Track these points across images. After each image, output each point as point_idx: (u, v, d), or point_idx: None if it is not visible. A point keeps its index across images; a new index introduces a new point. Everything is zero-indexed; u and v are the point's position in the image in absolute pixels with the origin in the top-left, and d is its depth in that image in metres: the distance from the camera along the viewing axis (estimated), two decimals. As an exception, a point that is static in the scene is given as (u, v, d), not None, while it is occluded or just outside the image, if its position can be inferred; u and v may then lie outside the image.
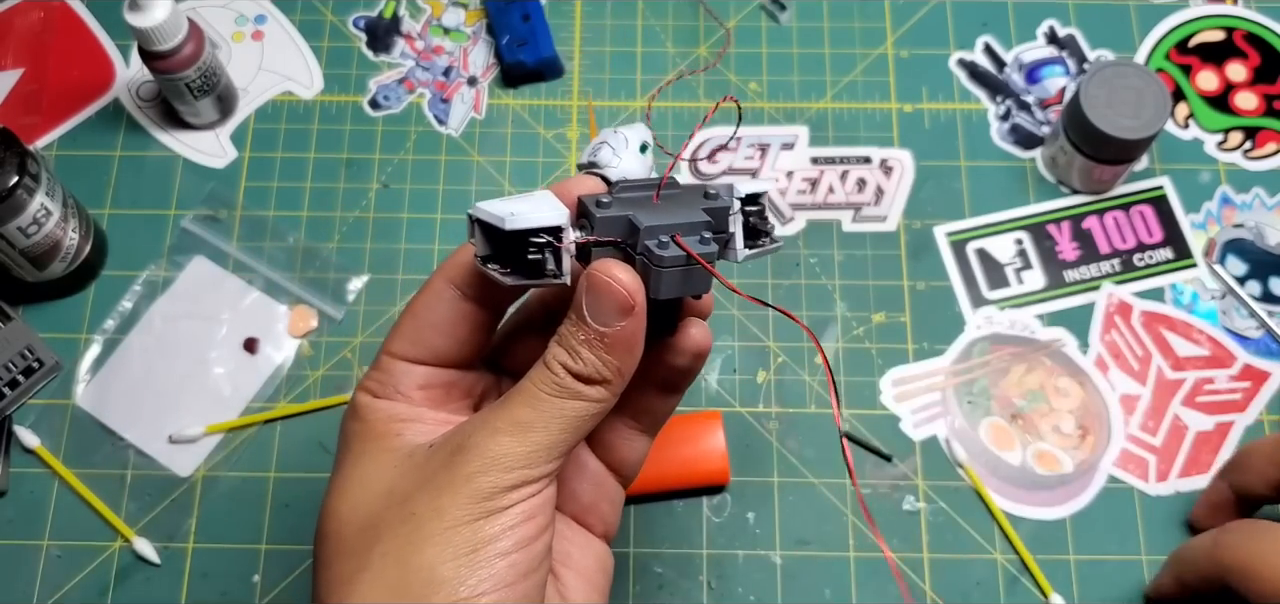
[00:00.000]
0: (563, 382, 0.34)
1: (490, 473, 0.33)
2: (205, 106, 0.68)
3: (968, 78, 0.72)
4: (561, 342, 0.34)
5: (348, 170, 0.69)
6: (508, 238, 0.33)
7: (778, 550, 0.60)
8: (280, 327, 0.65)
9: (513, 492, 0.33)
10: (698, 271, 0.33)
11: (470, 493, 0.33)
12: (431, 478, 0.34)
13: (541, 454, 0.34)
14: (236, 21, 0.74)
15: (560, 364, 0.34)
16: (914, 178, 0.69)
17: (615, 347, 0.34)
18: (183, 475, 0.61)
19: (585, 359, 0.34)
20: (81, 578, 0.59)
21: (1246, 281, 0.66)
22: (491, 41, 0.73)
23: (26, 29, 0.73)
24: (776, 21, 0.74)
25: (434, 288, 0.38)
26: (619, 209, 0.34)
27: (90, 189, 0.68)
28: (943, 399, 0.63)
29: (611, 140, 0.36)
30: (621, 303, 0.33)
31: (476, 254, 0.34)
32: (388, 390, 0.37)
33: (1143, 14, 0.74)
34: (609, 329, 0.33)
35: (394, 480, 0.35)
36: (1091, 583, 0.59)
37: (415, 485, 0.34)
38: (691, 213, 0.34)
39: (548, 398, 0.34)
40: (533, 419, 0.33)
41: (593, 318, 0.33)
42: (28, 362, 0.63)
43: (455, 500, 0.33)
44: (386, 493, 0.34)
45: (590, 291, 0.33)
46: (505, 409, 0.34)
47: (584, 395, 0.34)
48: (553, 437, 0.34)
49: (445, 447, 0.34)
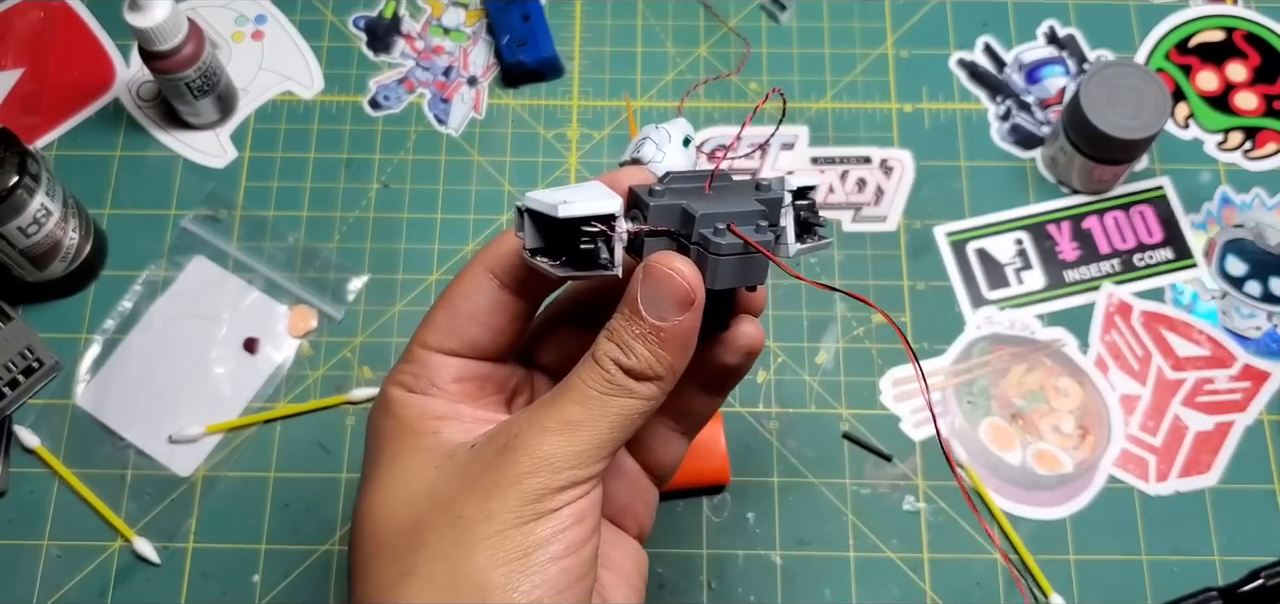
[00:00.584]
0: (614, 378, 0.33)
1: (540, 473, 0.32)
2: (205, 106, 0.68)
3: (968, 78, 0.72)
4: (613, 336, 0.33)
5: (348, 170, 0.69)
6: (559, 228, 0.32)
7: (778, 550, 0.60)
8: (280, 327, 0.65)
9: (563, 492, 0.32)
10: (755, 261, 0.32)
11: (520, 495, 0.32)
12: (477, 479, 0.33)
13: (591, 453, 0.33)
14: (236, 21, 0.74)
15: (612, 360, 0.33)
16: (914, 178, 0.69)
17: (670, 342, 0.32)
18: (183, 475, 0.61)
19: (639, 354, 0.32)
20: (81, 578, 0.59)
21: (1246, 282, 0.66)
22: (491, 41, 0.73)
23: (26, 29, 0.73)
24: (776, 21, 0.74)
25: (472, 276, 0.37)
26: (671, 198, 0.33)
27: (90, 189, 0.68)
28: (943, 399, 0.63)
29: (654, 135, 0.35)
30: (681, 295, 0.32)
31: (525, 246, 0.33)
32: (422, 384, 0.36)
33: (1143, 14, 0.74)
34: (665, 323, 0.32)
35: (436, 481, 0.34)
36: (1091, 583, 0.59)
37: (460, 487, 0.33)
38: (745, 203, 0.33)
39: (598, 395, 0.32)
40: (582, 417, 0.32)
41: (649, 311, 0.32)
42: (28, 361, 0.63)
43: (505, 503, 0.32)
44: (429, 494, 0.33)
45: (648, 283, 0.32)
46: (553, 407, 0.33)
47: (635, 393, 0.33)
48: (602, 435, 0.33)
49: (490, 446, 0.33)
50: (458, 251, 0.67)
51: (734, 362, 0.38)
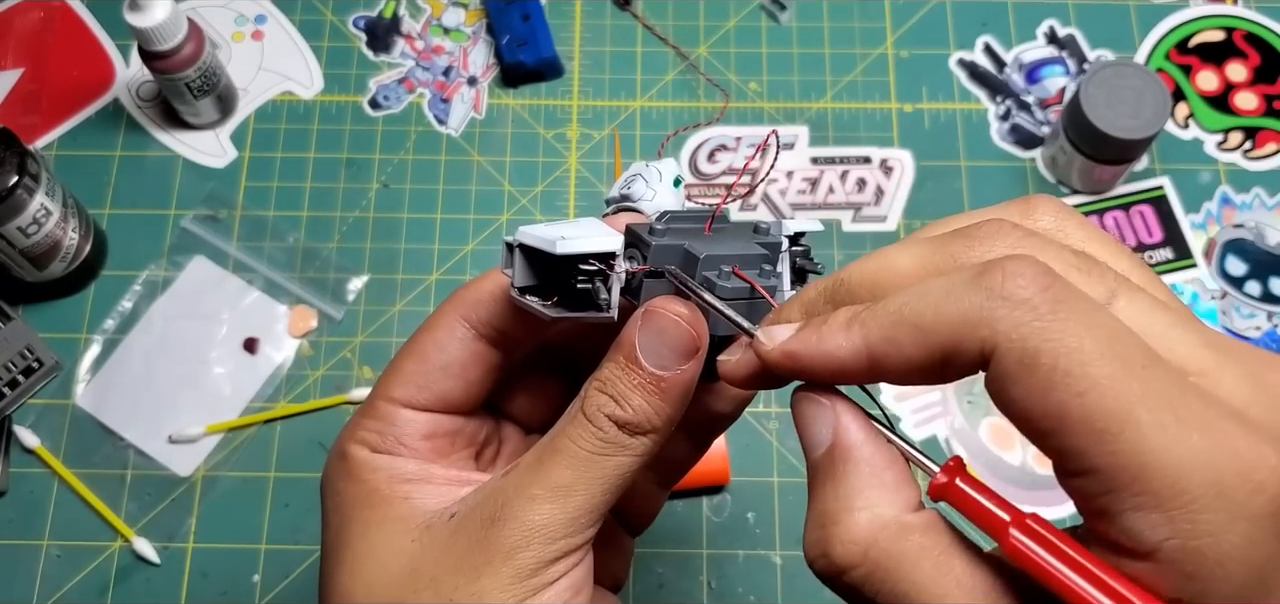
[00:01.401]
0: (607, 435, 0.30)
1: (532, 546, 0.29)
2: (205, 106, 0.68)
3: (968, 78, 0.72)
4: (605, 387, 0.30)
5: (348, 170, 0.69)
6: (553, 265, 0.30)
7: (778, 550, 0.60)
8: (280, 327, 0.65)
9: (557, 563, 0.30)
10: (760, 306, 0.30)
11: (513, 572, 0.29)
12: (465, 556, 0.30)
13: (584, 519, 0.30)
14: (236, 21, 0.74)
15: (605, 415, 0.30)
16: (914, 178, 0.69)
17: (671, 392, 0.30)
18: (183, 475, 0.61)
19: (635, 406, 0.30)
20: (81, 578, 0.59)
21: (1246, 282, 0.66)
22: (491, 41, 0.73)
23: (26, 29, 0.73)
24: (776, 21, 0.74)
25: (446, 325, 0.34)
26: (672, 238, 0.31)
27: (90, 189, 0.68)
28: (943, 399, 0.63)
29: (645, 173, 0.34)
30: (686, 342, 0.30)
31: (513, 285, 0.31)
32: (388, 442, 0.33)
33: (1143, 14, 0.74)
34: (667, 372, 0.30)
35: (415, 558, 0.30)
36: (1091, 583, 0.59)
37: (446, 566, 0.30)
38: (747, 245, 0.32)
39: (589, 455, 0.30)
40: (573, 481, 0.30)
41: (648, 359, 0.30)
42: (28, 361, 0.63)
43: (497, 581, 0.29)
44: (409, 573, 0.30)
45: (648, 329, 0.30)
46: (541, 471, 0.30)
47: (629, 449, 0.30)
48: (595, 498, 0.30)
49: (474, 517, 0.30)
50: (457, 251, 0.67)
51: (726, 410, 0.36)
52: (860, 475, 0.27)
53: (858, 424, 0.27)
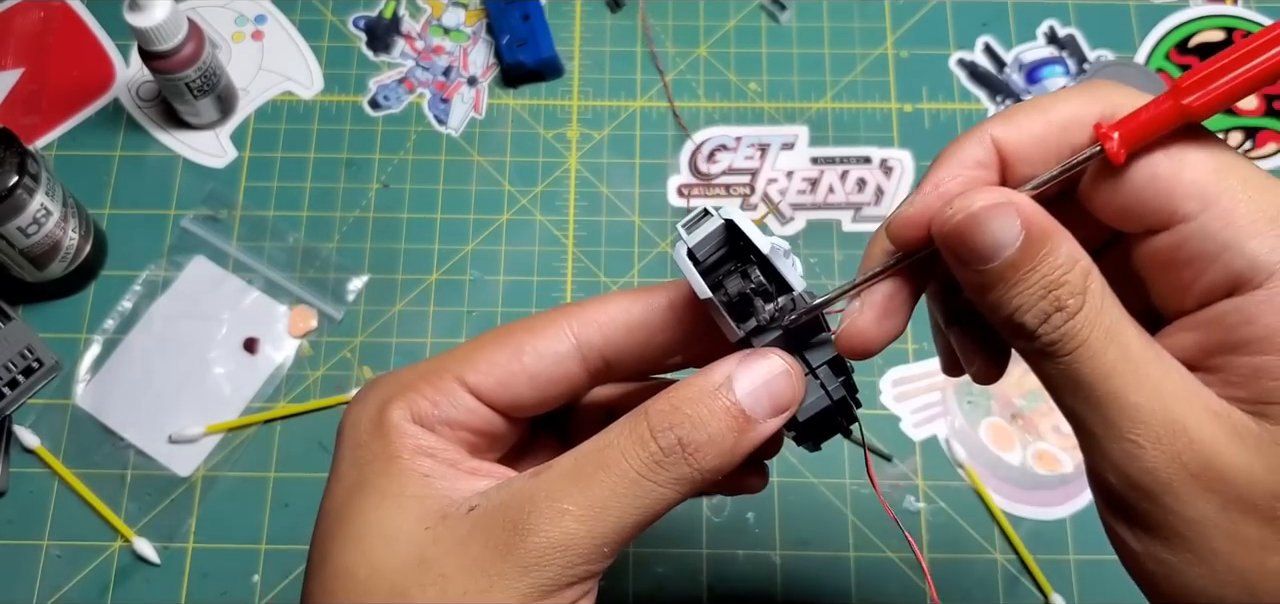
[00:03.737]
0: (662, 459, 0.28)
1: (553, 565, 0.28)
2: (205, 106, 0.68)
3: (968, 78, 0.72)
4: (682, 406, 0.29)
5: (348, 170, 0.69)
6: (732, 259, 0.31)
7: (778, 550, 0.60)
8: (280, 326, 0.65)
9: (574, 587, 0.28)
10: (830, 423, 0.31)
11: (526, 589, 0.27)
12: (480, 561, 0.28)
13: (611, 544, 0.28)
14: (236, 21, 0.74)
15: (676, 436, 0.28)
16: (914, 178, 0.69)
17: (749, 436, 0.29)
18: (183, 475, 0.61)
19: (711, 433, 0.28)
20: (81, 578, 0.59)
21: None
22: (491, 41, 0.73)
23: (26, 29, 0.73)
24: (776, 21, 0.74)
25: (552, 335, 0.32)
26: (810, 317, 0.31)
27: (90, 189, 0.68)
28: (943, 399, 0.63)
29: (785, 250, 0.34)
30: (786, 397, 0.29)
31: (686, 244, 0.30)
32: (435, 417, 0.31)
33: (1143, 14, 0.74)
34: (756, 416, 0.29)
35: (426, 546, 0.29)
36: (1091, 583, 0.59)
37: (458, 565, 0.28)
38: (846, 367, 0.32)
39: (634, 476, 0.28)
40: (609, 501, 0.28)
41: (744, 394, 0.29)
42: (28, 361, 0.63)
43: (507, 595, 0.27)
44: (417, 562, 0.28)
45: (757, 368, 0.29)
46: (577, 484, 0.28)
47: (677, 481, 0.28)
48: (626, 526, 0.28)
49: (495, 518, 0.28)
50: (457, 251, 0.67)
51: (741, 488, 0.35)
52: (1066, 245, 0.27)
53: (1036, 206, 0.28)
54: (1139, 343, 0.27)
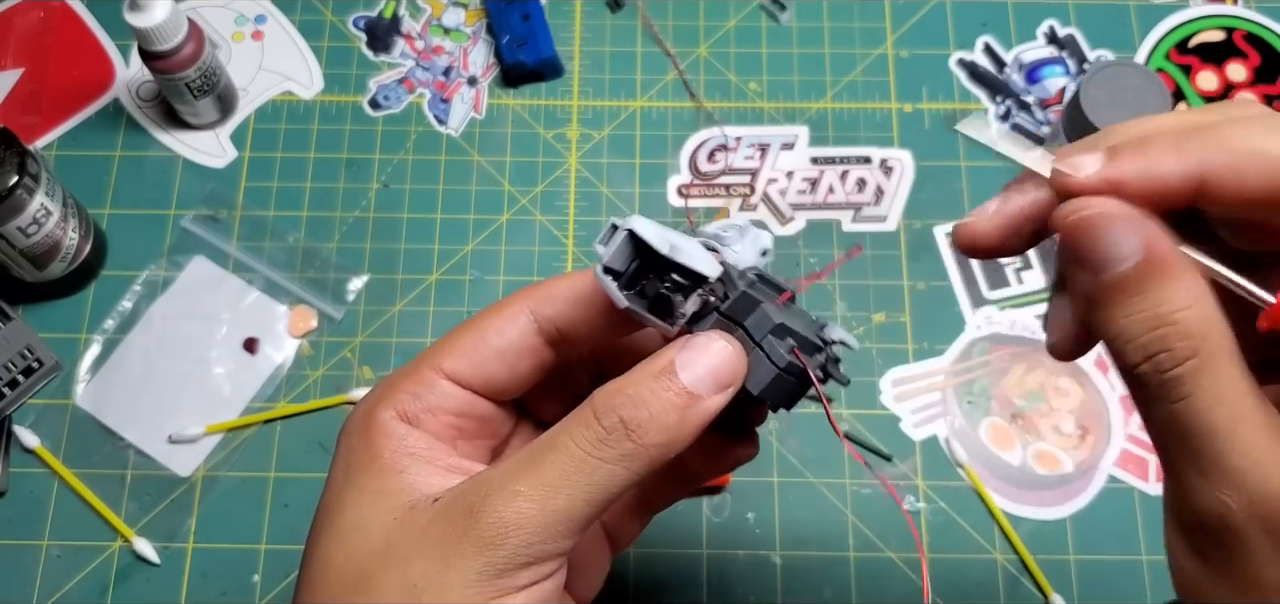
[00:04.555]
0: (608, 438, 0.29)
1: (505, 545, 0.29)
2: (205, 106, 0.68)
3: (968, 78, 0.72)
4: (625, 388, 0.30)
5: (348, 170, 0.69)
6: (644, 266, 0.31)
7: (778, 550, 0.60)
8: (280, 326, 0.65)
9: (527, 569, 0.29)
10: (789, 388, 0.32)
11: (481, 568, 0.29)
12: (437, 543, 0.29)
13: (562, 525, 0.29)
14: (236, 21, 0.74)
15: (618, 415, 0.30)
16: (914, 178, 0.69)
17: (693, 417, 0.30)
18: (183, 475, 0.61)
19: (652, 412, 0.30)
20: (81, 578, 0.59)
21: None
22: (491, 41, 0.73)
23: (26, 29, 0.74)
24: (776, 21, 0.74)
25: (512, 313, 0.34)
26: (756, 294, 0.32)
27: (90, 189, 0.68)
28: (943, 399, 0.63)
29: (741, 230, 0.34)
30: (726, 373, 0.30)
31: (603, 263, 0.32)
32: (418, 409, 0.33)
33: (1143, 14, 0.74)
34: (701, 393, 0.30)
35: (393, 535, 0.30)
36: (1091, 583, 0.59)
37: (419, 549, 0.29)
38: (810, 330, 0.33)
39: (583, 455, 0.29)
40: (559, 481, 0.29)
41: (686, 374, 0.30)
42: (28, 361, 0.63)
43: (463, 575, 0.29)
44: (385, 548, 0.30)
45: (694, 349, 0.30)
46: (529, 466, 0.30)
47: (625, 459, 0.30)
48: (577, 505, 0.29)
49: (456, 505, 0.30)
50: (457, 251, 0.67)
51: (721, 465, 0.37)
52: (1186, 283, 0.26)
53: (1168, 237, 0.27)
54: (1251, 404, 0.26)
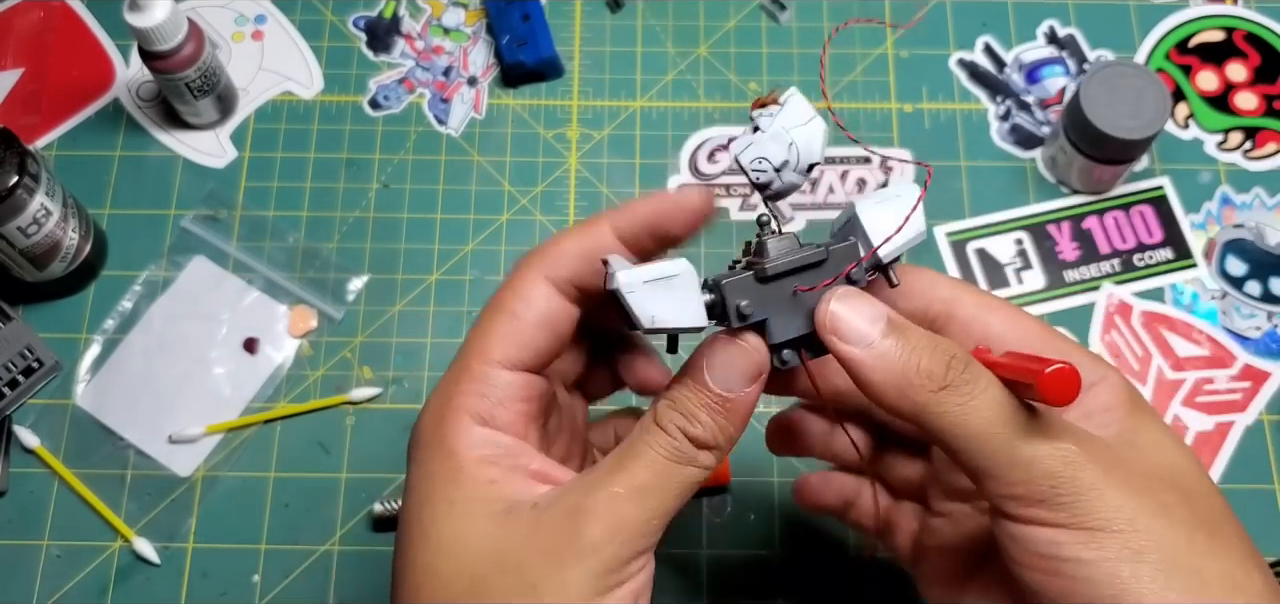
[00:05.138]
0: (681, 447, 0.32)
1: (614, 542, 0.31)
2: (205, 106, 0.68)
3: (968, 78, 0.72)
4: (676, 405, 0.33)
5: (348, 170, 0.69)
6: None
7: (778, 550, 0.60)
8: (280, 326, 0.65)
9: (633, 562, 0.32)
10: (809, 342, 0.34)
11: (596, 564, 0.31)
12: (550, 547, 0.31)
13: (657, 522, 0.32)
14: (236, 21, 0.74)
15: (678, 429, 0.32)
16: (914, 178, 0.69)
17: (734, 412, 0.33)
18: (183, 475, 0.61)
19: (704, 423, 0.32)
20: (81, 578, 0.59)
21: (1246, 282, 0.66)
22: (491, 41, 0.73)
23: (26, 29, 0.74)
24: (776, 21, 0.74)
25: (528, 284, 0.35)
26: (759, 312, 0.33)
27: (90, 189, 0.68)
28: (943, 399, 0.63)
29: (783, 144, 0.34)
30: (750, 368, 0.33)
31: (611, 286, 0.32)
32: (489, 406, 0.34)
33: (1143, 14, 0.74)
34: (732, 394, 0.33)
35: (499, 541, 0.32)
36: (1091, 583, 0.59)
37: (530, 552, 0.31)
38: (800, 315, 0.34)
39: (666, 462, 0.32)
40: (651, 484, 0.32)
41: (716, 381, 0.32)
42: (28, 361, 0.63)
43: (581, 574, 0.31)
44: (493, 555, 0.32)
45: (716, 354, 0.33)
46: (623, 472, 0.32)
47: (697, 461, 0.33)
48: (667, 504, 0.32)
49: (558, 508, 0.32)
50: (457, 251, 0.67)
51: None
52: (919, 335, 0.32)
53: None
54: None
